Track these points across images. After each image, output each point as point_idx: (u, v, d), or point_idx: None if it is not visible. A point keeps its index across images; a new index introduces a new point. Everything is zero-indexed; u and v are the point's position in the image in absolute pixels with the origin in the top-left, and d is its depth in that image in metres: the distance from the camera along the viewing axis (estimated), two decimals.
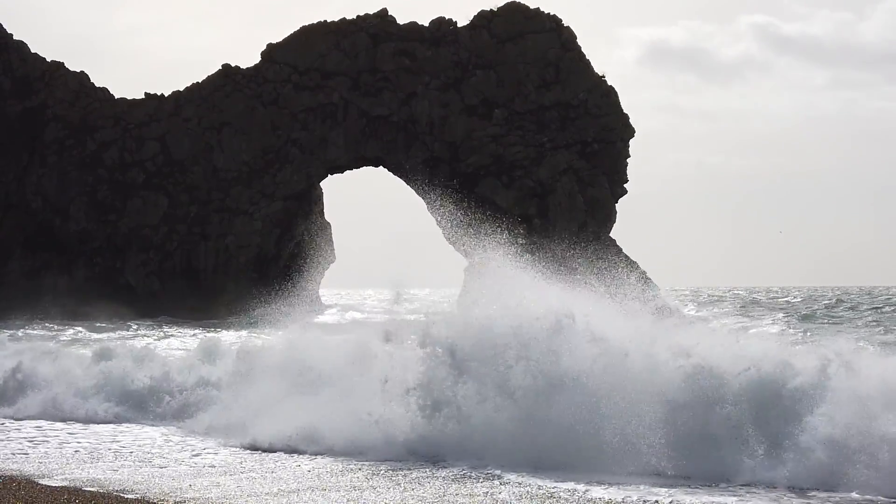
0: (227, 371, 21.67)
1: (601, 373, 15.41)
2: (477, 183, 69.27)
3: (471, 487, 13.41)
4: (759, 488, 13.34)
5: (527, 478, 13.97)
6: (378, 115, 70.95)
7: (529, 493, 12.99)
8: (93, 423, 20.35)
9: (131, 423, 20.41)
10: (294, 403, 18.18)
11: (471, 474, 14.33)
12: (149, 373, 22.41)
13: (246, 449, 17.09)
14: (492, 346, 16.43)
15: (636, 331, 16.31)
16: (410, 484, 13.69)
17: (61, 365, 23.75)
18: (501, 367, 16.09)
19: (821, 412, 13.84)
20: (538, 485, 13.52)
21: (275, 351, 21.69)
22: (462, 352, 16.63)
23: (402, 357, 17.59)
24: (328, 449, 16.54)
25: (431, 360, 16.77)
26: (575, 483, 13.48)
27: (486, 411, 15.89)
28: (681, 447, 14.31)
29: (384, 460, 15.62)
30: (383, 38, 72.37)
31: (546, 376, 15.70)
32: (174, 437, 18.60)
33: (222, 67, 73.63)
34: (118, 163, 71.79)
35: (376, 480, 14.07)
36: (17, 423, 20.25)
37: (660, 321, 19.45)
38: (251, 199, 70.55)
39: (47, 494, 12.63)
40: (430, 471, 14.69)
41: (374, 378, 17.54)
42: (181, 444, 17.66)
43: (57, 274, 68.73)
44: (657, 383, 15.03)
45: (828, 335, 29.80)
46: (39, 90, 73.19)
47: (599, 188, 68.86)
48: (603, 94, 71.51)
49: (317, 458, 16.15)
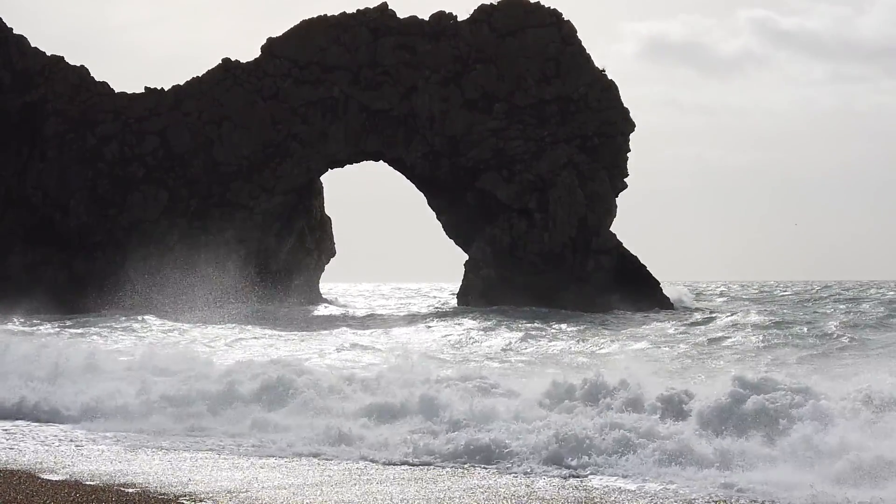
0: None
1: None
2: (477, 177, 69.26)
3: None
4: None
5: None
6: (378, 110, 70.91)
7: None
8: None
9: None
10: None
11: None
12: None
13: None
14: None
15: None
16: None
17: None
18: None
19: None
20: None
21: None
22: None
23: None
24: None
25: None
26: None
27: None
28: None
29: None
30: (383, 32, 72.32)
31: None
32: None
33: (222, 62, 73.59)
34: (118, 157, 71.74)
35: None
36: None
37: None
38: (251, 194, 70.54)
39: (48, 488, 12.65)
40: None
41: None
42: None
43: (57, 268, 68.70)
44: None
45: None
46: (39, 84, 73.11)
47: (600, 182, 68.82)
48: (603, 88, 71.47)
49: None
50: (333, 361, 29.51)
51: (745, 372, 17.57)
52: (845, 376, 19.82)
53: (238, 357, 28.67)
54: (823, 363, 27.18)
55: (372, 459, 15.62)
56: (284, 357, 27.94)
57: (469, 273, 68.37)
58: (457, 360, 30.64)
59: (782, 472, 13.52)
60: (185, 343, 36.76)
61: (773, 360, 28.54)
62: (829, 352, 31.10)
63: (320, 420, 17.99)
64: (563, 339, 37.72)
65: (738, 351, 32.68)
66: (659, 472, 13.98)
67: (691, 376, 23.70)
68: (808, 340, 34.80)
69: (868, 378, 17.11)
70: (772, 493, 12.75)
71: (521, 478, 13.96)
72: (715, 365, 28.21)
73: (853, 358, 28.82)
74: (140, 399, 20.59)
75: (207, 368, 23.73)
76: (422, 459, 15.41)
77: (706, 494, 12.81)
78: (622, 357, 30.47)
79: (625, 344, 35.19)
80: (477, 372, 21.69)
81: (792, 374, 18.91)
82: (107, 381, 22.47)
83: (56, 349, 27.14)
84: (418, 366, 23.27)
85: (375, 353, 32.75)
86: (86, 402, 20.70)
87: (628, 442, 14.94)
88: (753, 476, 13.42)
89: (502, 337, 39.17)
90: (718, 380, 18.28)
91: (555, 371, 23.85)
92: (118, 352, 30.48)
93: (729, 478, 13.48)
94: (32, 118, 72.25)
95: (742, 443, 14.67)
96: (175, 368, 23.74)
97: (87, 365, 24.29)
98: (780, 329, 39.23)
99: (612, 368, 20.33)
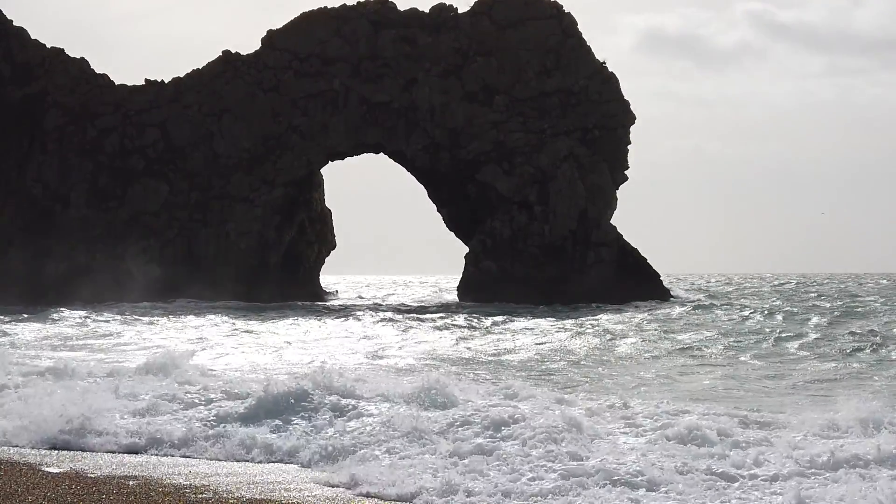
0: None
1: None
2: (478, 169, 69.20)
3: None
4: None
5: None
6: (378, 102, 70.84)
7: None
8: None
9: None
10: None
11: None
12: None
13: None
14: None
15: None
16: None
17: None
18: None
19: None
20: None
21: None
22: None
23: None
24: None
25: None
26: None
27: None
28: None
29: None
30: (384, 24, 72.22)
31: None
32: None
33: (223, 54, 73.50)
34: (119, 149, 71.68)
35: None
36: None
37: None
38: (252, 186, 70.48)
39: (49, 480, 12.66)
40: None
41: None
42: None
43: (58, 260, 68.68)
44: None
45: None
46: (39, 77, 73.00)
47: (600, 174, 68.77)
48: (604, 80, 71.40)
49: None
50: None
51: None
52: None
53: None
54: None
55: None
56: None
57: (469, 266, 68.35)
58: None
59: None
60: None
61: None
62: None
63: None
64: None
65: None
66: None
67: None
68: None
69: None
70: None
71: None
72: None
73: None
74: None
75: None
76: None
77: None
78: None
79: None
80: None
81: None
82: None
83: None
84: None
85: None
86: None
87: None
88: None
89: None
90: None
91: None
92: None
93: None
94: (33, 110, 72.17)
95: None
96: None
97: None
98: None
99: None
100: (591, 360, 29.22)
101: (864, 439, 13.22)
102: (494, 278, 66.27)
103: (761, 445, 13.20)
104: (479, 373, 25.10)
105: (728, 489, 11.50)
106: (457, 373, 25.05)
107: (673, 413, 15.53)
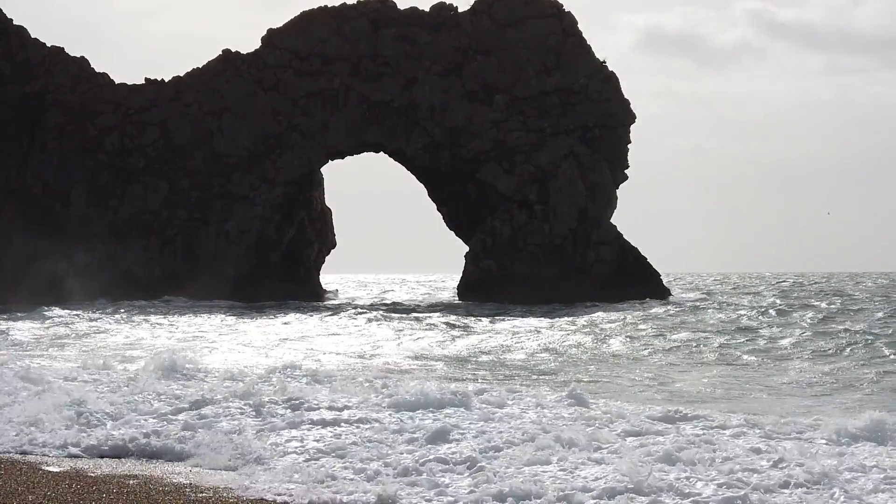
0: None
1: None
2: (478, 168, 69.21)
3: None
4: None
5: None
6: (379, 101, 70.84)
7: None
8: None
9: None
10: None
11: None
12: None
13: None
14: None
15: None
16: None
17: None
18: None
19: None
20: None
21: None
22: None
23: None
24: None
25: None
26: None
27: None
28: None
29: None
30: (384, 23, 72.22)
31: None
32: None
33: (223, 53, 73.51)
34: (119, 148, 71.71)
35: None
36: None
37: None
38: (252, 185, 70.50)
39: (49, 479, 12.68)
40: None
41: None
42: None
43: (57, 259, 68.67)
44: None
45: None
46: (40, 75, 73.00)
47: (600, 173, 68.79)
48: (604, 79, 71.40)
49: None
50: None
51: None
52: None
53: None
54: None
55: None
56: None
57: (469, 265, 68.35)
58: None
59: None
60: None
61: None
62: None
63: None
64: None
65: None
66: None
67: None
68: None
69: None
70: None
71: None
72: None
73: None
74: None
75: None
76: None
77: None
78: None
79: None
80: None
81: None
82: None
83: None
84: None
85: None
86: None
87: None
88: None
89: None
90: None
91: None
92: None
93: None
94: (33, 109, 72.18)
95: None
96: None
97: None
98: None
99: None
100: (584, 358, 29.31)
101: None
102: (494, 277, 66.29)
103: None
104: (480, 372, 25.12)
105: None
106: (446, 371, 25.08)
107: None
